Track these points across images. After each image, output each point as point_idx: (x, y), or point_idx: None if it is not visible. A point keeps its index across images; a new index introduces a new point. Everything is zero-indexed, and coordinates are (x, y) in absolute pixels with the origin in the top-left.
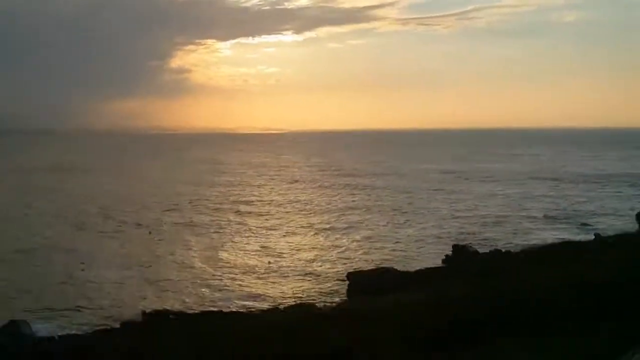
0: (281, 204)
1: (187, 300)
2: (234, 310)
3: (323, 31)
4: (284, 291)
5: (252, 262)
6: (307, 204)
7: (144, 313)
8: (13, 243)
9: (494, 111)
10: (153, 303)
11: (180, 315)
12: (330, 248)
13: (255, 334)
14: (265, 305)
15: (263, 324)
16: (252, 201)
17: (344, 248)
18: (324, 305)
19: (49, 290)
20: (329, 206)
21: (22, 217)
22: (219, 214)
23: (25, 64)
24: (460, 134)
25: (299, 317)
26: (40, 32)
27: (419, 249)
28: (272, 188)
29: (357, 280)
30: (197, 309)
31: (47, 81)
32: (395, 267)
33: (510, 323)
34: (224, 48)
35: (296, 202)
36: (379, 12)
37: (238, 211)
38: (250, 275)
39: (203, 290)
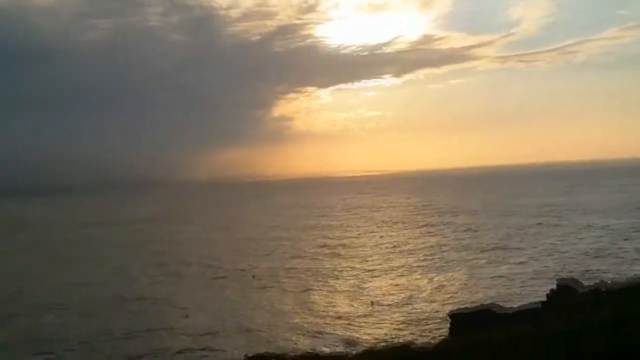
0: (379, 245)
1: (290, 343)
2: (333, 353)
3: (422, 73)
4: (385, 332)
5: (353, 304)
6: (405, 243)
7: (246, 357)
8: (117, 291)
9: (597, 143)
10: (256, 346)
11: (281, 358)
12: (430, 287)
13: None
14: (365, 346)
15: None
16: (350, 244)
17: (444, 287)
18: (423, 345)
19: (155, 335)
20: (427, 245)
21: (125, 266)
22: (318, 257)
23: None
24: (563, 167)
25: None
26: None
27: (522, 286)
28: (370, 229)
29: (459, 320)
30: (298, 352)
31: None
32: (498, 304)
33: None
34: (325, 95)
35: (394, 242)
36: (478, 52)
37: (337, 254)
38: (350, 317)
39: (303, 333)
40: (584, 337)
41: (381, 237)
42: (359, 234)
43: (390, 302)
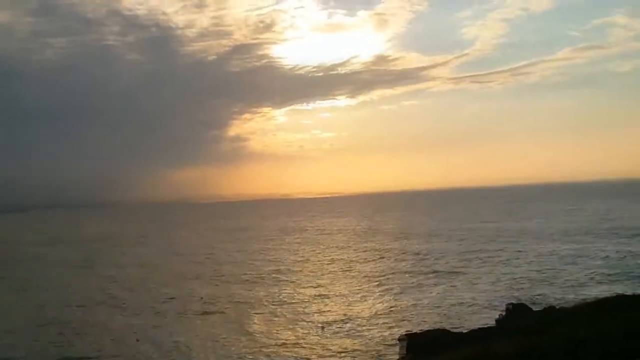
0: (328, 270)
1: None
2: None
3: (376, 94)
4: (335, 356)
5: (302, 330)
6: (354, 269)
7: None
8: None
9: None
10: None
11: None
12: (380, 312)
13: None
14: None
15: None
16: (298, 268)
17: (394, 312)
18: None
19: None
20: (376, 270)
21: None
22: (266, 282)
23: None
24: (516, 189)
25: None
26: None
27: (473, 310)
28: (320, 253)
29: (410, 343)
30: None
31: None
32: (449, 329)
33: None
34: (280, 115)
35: (343, 267)
36: (432, 72)
37: (283, 279)
38: (299, 343)
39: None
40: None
41: (330, 261)
42: (308, 258)
43: (340, 327)
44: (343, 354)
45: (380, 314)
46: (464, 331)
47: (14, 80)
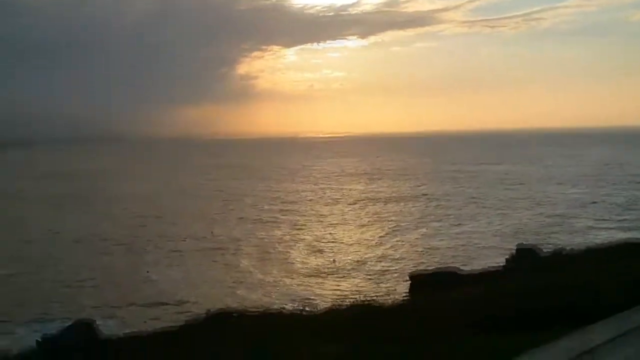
0: (338, 209)
1: (251, 301)
2: (296, 309)
3: (388, 35)
4: (346, 290)
5: (315, 262)
6: (364, 207)
7: (208, 312)
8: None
9: (560, 111)
10: (217, 303)
11: (243, 315)
12: (391, 248)
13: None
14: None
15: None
16: (306, 208)
17: (404, 248)
18: (387, 303)
19: (113, 289)
20: (388, 208)
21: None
22: (277, 217)
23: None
24: (525, 134)
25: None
26: (108, 41)
27: (482, 249)
28: (329, 193)
29: (420, 280)
30: (259, 309)
31: (119, 90)
32: (458, 267)
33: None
34: (290, 54)
35: (355, 207)
36: (444, 16)
37: (296, 212)
38: (312, 275)
39: (265, 291)
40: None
41: (340, 202)
42: (317, 199)
43: (351, 261)
44: (356, 287)
45: (392, 251)
46: (474, 271)
47: (21, 14)
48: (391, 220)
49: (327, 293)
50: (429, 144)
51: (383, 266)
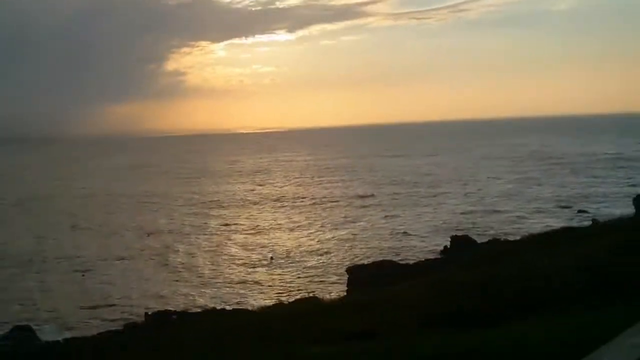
0: (276, 200)
1: (188, 299)
2: (239, 308)
3: (316, 29)
4: (285, 286)
5: (251, 258)
6: (301, 199)
7: (146, 314)
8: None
9: (487, 101)
10: (155, 304)
11: (182, 315)
12: (327, 242)
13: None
14: (266, 301)
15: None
16: (239, 200)
17: (341, 242)
18: (328, 298)
19: (50, 294)
20: (324, 201)
21: None
22: (208, 213)
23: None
24: (454, 125)
25: (305, 308)
26: (29, 39)
27: (417, 242)
28: (265, 185)
29: (357, 274)
30: (198, 308)
31: (45, 89)
32: (394, 260)
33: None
34: (218, 49)
35: (292, 197)
36: (371, 8)
37: (224, 208)
38: (249, 271)
39: (205, 289)
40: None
41: (273, 196)
42: (249, 193)
43: (288, 257)
44: (291, 287)
45: (328, 245)
46: (410, 262)
47: None
48: (323, 217)
49: (266, 291)
50: (357, 137)
51: (318, 261)
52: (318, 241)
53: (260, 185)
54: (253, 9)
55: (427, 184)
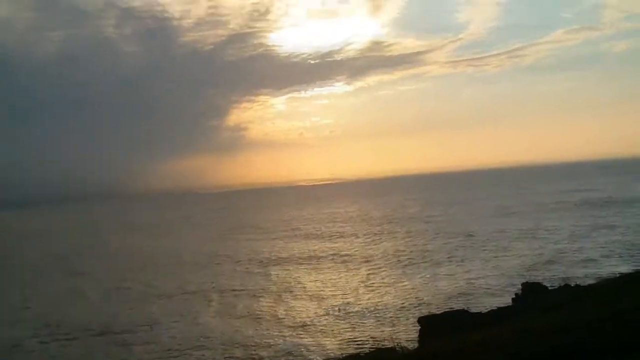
0: (336, 254)
1: (260, 350)
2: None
3: (373, 79)
4: (354, 337)
5: (323, 308)
6: (365, 252)
7: None
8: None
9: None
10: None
11: None
12: (402, 289)
13: None
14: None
15: None
16: (305, 254)
17: (410, 293)
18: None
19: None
20: (386, 252)
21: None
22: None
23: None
24: (515, 170)
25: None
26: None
27: (487, 290)
28: (327, 240)
29: (429, 324)
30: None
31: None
32: (465, 308)
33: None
34: (278, 103)
35: (355, 251)
36: (428, 57)
37: (295, 264)
38: (322, 321)
39: (276, 340)
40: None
41: (340, 247)
42: (315, 246)
43: (357, 309)
44: (362, 338)
45: (396, 295)
46: (483, 311)
47: (15, 73)
48: (390, 264)
49: (336, 343)
50: (422, 184)
51: (387, 310)
52: (385, 292)
53: (326, 238)
54: (312, 61)
55: (492, 230)
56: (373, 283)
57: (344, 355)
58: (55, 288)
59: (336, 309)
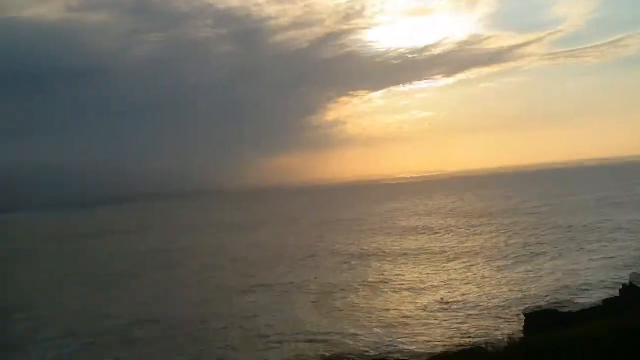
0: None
1: (360, 343)
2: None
3: (472, 72)
4: (457, 330)
5: (426, 300)
6: (474, 239)
7: (322, 357)
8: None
9: None
10: (328, 347)
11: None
12: (504, 282)
13: None
14: (436, 348)
15: None
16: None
17: (510, 283)
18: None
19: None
20: (497, 241)
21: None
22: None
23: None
24: (617, 163)
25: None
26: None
27: (598, 279)
28: (426, 234)
29: (534, 318)
30: (372, 352)
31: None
32: (570, 300)
33: None
34: (376, 97)
35: (465, 239)
36: (526, 50)
37: (394, 256)
38: (425, 313)
39: (375, 331)
40: None
41: (441, 241)
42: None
43: (459, 300)
44: (464, 330)
45: (498, 287)
46: (587, 302)
47: (114, 75)
48: (492, 257)
49: (437, 334)
50: (522, 178)
51: (490, 303)
52: (486, 284)
53: (426, 231)
54: (410, 56)
55: (596, 222)
56: (474, 276)
57: (448, 348)
58: (157, 280)
59: (437, 302)
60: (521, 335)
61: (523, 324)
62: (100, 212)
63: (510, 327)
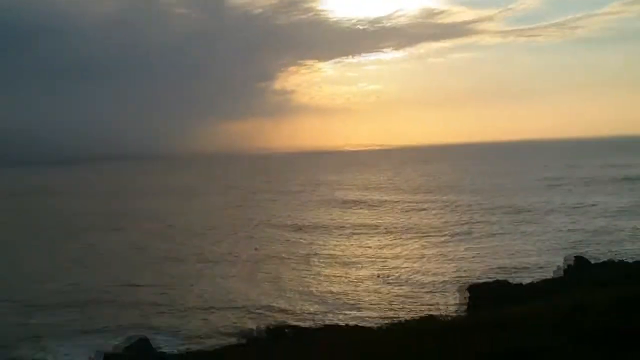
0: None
1: (300, 314)
2: (352, 324)
3: (423, 47)
4: (396, 304)
5: (362, 275)
6: (414, 215)
7: (267, 327)
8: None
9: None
10: (268, 318)
11: (298, 330)
12: (443, 260)
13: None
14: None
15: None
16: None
17: (452, 260)
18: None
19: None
20: (436, 218)
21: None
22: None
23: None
24: (561, 143)
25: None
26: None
27: (529, 263)
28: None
29: (477, 294)
30: (312, 323)
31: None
32: (514, 278)
33: None
34: (326, 68)
35: (395, 219)
36: (479, 26)
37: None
38: (361, 288)
39: (315, 304)
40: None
41: (381, 214)
42: (357, 212)
43: (397, 275)
44: (403, 305)
45: (443, 262)
46: (524, 283)
47: (67, 35)
48: (430, 234)
49: (375, 309)
50: (467, 155)
51: (429, 279)
52: (427, 259)
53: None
54: (361, 27)
55: (535, 202)
56: (413, 252)
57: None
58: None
59: (375, 277)
60: (465, 310)
61: (467, 299)
62: (49, 172)
63: (453, 303)
